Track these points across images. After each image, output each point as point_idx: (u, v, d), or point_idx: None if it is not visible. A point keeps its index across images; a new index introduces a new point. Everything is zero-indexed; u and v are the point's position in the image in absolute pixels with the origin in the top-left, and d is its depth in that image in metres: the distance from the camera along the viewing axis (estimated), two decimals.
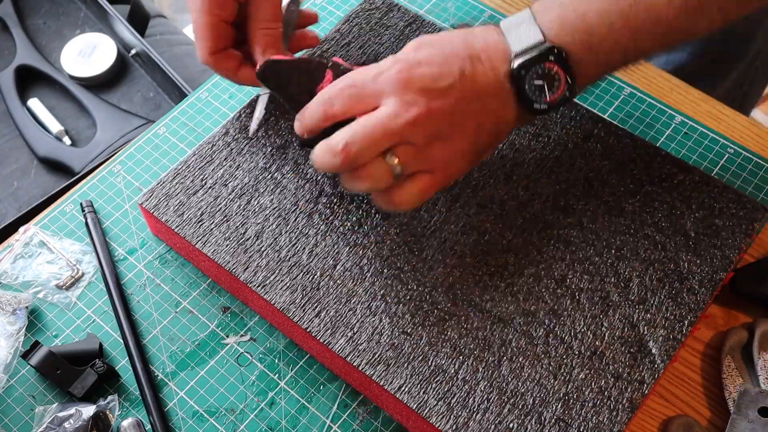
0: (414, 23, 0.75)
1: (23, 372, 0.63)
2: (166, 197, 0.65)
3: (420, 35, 0.72)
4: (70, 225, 0.70)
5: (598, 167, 0.67)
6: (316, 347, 0.61)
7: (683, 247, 0.63)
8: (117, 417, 0.61)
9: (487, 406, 0.56)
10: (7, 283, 0.67)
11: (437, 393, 0.57)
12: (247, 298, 0.64)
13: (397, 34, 0.74)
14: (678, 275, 0.61)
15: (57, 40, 1.17)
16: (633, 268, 0.62)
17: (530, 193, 0.65)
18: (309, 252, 0.62)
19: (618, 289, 0.61)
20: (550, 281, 0.61)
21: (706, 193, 0.65)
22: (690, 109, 0.77)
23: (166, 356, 0.64)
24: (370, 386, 0.59)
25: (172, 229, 0.64)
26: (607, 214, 0.64)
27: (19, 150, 1.07)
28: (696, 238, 0.63)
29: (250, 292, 0.62)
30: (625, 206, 0.65)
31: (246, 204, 0.65)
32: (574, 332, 0.59)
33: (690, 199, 0.65)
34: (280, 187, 0.66)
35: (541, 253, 0.62)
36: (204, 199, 0.65)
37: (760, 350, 0.62)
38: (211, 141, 0.68)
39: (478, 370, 0.58)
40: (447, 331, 0.59)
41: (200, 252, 0.63)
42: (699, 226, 0.64)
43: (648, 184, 0.66)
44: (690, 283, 0.61)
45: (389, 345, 0.58)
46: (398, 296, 0.61)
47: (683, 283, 0.61)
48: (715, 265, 0.62)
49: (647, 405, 0.62)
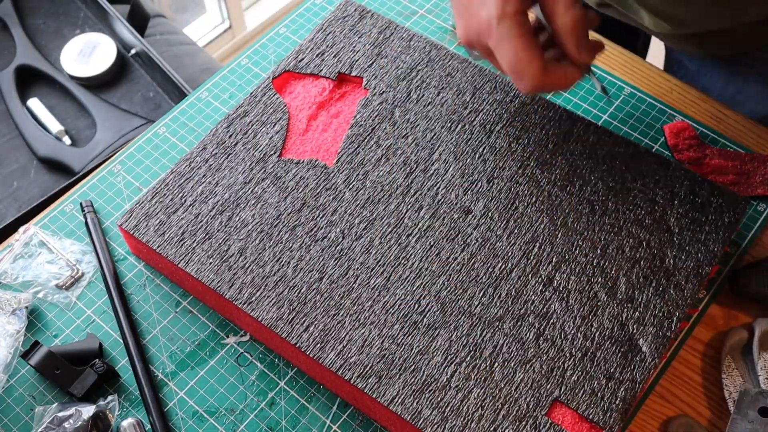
0: (387, 29, 0.75)
1: (23, 372, 0.63)
2: (146, 217, 0.64)
3: (393, 41, 0.73)
4: (70, 225, 0.70)
5: (580, 167, 0.67)
6: (306, 362, 0.61)
7: (668, 243, 0.63)
8: (117, 417, 0.61)
9: (481, 413, 0.56)
10: (7, 283, 0.67)
11: (431, 402, 0.56)
12: (234, 315, 0.64)
13: (371, 41, 0.74)
14: (664, 272, 0.62)
15: (57, 40, 1.17)
16: (619, 266, 0.62)
17: (512, 196, 0.65)
18: (294, 266, 0.62)
19: (605, 289, 0.61)
20: (537, 284, 0.61)
21: (687, 188, 0.66)
22: (690, 109, 0.77)
23: (166, 356, 0.64)
24: (363, 399, 0.59)
25: (153, 249, 0.63)
26: (591, 214, 0.64)
27: (19, 150, 1.07)
28: (680, 233, 0.64)
29: (236, 309, 0.61)
30: (608, 205, 0.65)
31: (227, 220, 0.64)
32: (564, 334, 0.59)
33: (672, 195, 0.65)
34: (261, 201, 0.65)
35: (528, 256, 0.62)
36: (185, 218, 0.64)
37: (761, 350, 0.62)
38: (189, 158, 0.67)
39: (470, 377, 0.57)
40: (437, 339, 0.59)
41: (183, 271, 0.62)
42: (682, 221, 0.64)
43: (630, 181, 0.66)
44: (676, 278, 0.61)
45: (380, 356, 0.58)
46: (386, 306, 0.60)
47: (669, 279, 0.61)
48: (700, 260, 0.62)
49: (647, 405, 0.62)
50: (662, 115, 0.76)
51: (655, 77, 0.79)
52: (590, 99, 0.77)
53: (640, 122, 0.76)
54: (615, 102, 0.77)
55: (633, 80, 0.79)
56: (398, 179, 0.66)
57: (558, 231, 0.64)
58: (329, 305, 0.60)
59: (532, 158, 0.67)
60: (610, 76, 0.79)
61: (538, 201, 0.65)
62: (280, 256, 0.62)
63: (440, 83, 0.72)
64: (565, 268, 0.62)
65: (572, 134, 0.69)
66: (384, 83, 0.72)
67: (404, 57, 0.73)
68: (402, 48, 0.74)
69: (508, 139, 0.68)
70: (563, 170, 0.67)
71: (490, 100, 0.71)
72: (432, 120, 0.69)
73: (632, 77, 0.79)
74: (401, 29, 0.75)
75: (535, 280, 0.61)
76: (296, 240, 0.63)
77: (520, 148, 0.68)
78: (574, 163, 0.67)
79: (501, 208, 0.65)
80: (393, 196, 0.65)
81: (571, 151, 0.68)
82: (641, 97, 0.77)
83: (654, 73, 0.79)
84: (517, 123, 0.69)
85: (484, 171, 0.67)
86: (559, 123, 0.69)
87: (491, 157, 0.67)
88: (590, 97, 0.77)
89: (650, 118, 0.76)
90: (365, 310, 0.60)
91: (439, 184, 0.66)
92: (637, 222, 0.64)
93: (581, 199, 0.65)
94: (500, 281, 0.61)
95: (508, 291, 0.61)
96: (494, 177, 0.66)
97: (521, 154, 0.68)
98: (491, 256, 0.62)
